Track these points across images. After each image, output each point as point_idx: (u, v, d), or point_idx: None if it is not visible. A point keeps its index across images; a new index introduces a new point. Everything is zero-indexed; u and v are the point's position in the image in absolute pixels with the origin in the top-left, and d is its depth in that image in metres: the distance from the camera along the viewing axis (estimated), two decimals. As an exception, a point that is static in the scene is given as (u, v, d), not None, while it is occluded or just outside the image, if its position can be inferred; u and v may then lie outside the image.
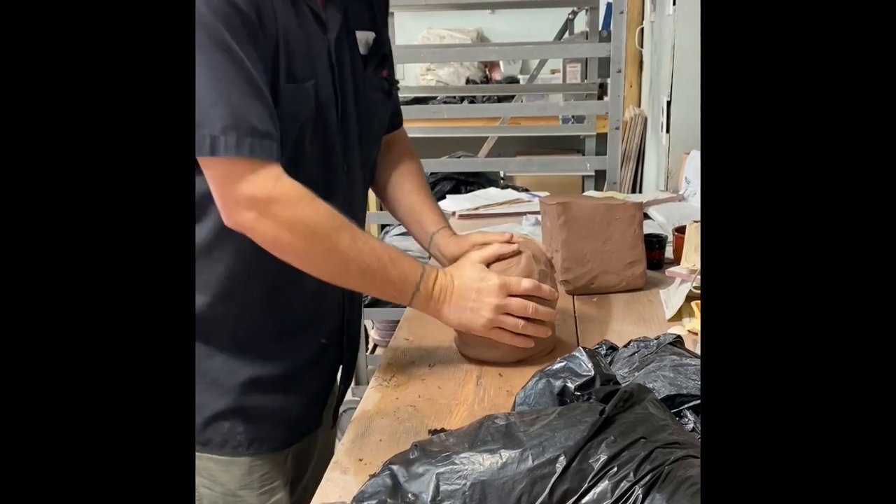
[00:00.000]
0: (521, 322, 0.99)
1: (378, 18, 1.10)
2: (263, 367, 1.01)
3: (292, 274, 0.93)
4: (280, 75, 0.91)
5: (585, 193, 2.32)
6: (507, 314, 0.98)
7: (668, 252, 1.48)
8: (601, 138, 2.91)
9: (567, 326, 1.18)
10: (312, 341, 1.05)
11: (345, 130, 1.00)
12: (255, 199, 0.87)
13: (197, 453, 1.00)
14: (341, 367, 1.12)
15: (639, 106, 3.09)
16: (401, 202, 1.20)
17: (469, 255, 1.02)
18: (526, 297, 1.00)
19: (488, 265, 1.02)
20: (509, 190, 2.25)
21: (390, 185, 1.20)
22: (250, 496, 1.03)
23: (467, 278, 0.98)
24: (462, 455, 0.64)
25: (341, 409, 1.28)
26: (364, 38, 1.04)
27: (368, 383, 1.03)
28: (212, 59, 0.83)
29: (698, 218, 1.47)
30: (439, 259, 1.16)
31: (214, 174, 0.87)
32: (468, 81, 4.18)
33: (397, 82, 1.20)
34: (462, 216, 1.95)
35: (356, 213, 1.05)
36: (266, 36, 0.89)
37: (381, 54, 1.08)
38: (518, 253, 1.04)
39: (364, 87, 1.04)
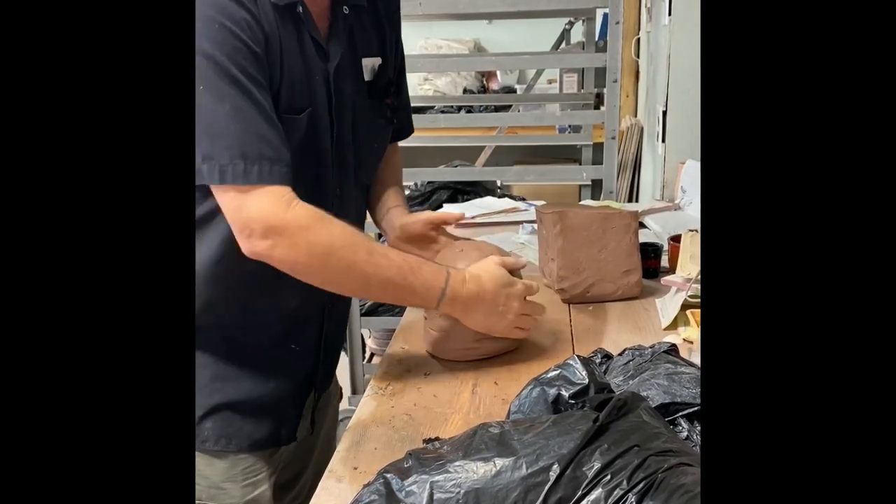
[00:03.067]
0: (534, 325, 1.08)
1: (388, 43, 1.11)
2: (234, 371, 1.02)
3: (267, 289, 0.97)
4: (279, 106, 0.92)
5: (582, 202, 2.33)
6: (528, 315, 1.06)
7: (664, 261, 1.48)
8: (598, 148, 2.92)
9: (562, 335, 1.19)
10: (285, 347, 1.06)
11: (340, 155, 1.02)
12: (270, 227, 0.88)
13: None
14: (317, 374, 1.12)
15: (635, 115, 3.10)
16: (373, 187, 1.22)
17: (492, 259, 1.05)
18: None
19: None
20: (506, 199, 2.26)
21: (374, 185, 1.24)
22: (234, 489, 1.04)
23: (498, 283, 1.02)
24: (456, 463, 0.64)
25: (339, 417, 1.28)
26: (370, 64, 1.06)
27: (364, 392, 1.03)
28: (219, 90, 0.85)
29: (694, 227, 1.48)
30: (387, 230, 1.21)
31: (228, 204, 0.89)
32: (465, 91, 4.20)
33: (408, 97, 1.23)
34: (458, 225, 1.95)
35: None
36: (271, 69, 0.91)
37: (387, 79, 1.10)
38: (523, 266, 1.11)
39: (366, 113, 1.06)
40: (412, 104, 1.27)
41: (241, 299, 1.01)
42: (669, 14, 2.03)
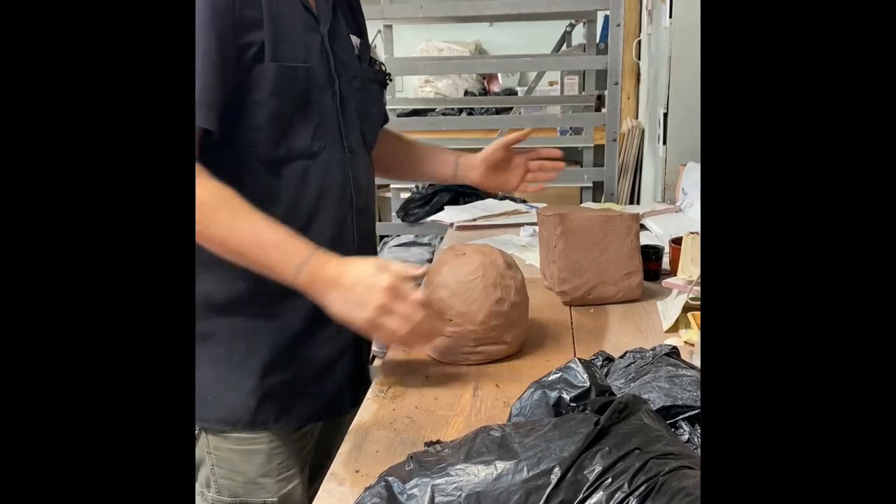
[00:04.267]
0: (401, 330, 0.95)
1: (362, 26, 1.21)
2: (284, 347, 1.05)
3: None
4: (265, 54, 0.97)
5: (583, 205, 2.33)
6: (392, 314, 0.94)
7: (665, 263, 1.48)
8: (599, 150, 2.92)
9: (563, 337, 1.19)
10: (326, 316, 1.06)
11: (345, 114, 1.08)
12: None
13: (217, 443, 1.04)
14: (364, 346, 1.15)
15: (636, 118, 3.10)
16: (408, 160, 1.34)
17: (382, 259, 1.01)
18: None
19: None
20: (507, 201, 2.26)
21: (388, 156, 1.31)
22: (270, 483, 1.07)
23: (361, 273, 0.94)
24: (457, 466, 0.64)
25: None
26: (355, 41, 1.14)
27: (366, 395, 1.03)
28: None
29: (695, 229, 1.48)
30: (469, 176, 1.32)
31: None
32: (466, 93, 4.20)
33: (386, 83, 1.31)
34: (460, 227, 1.95)
35: (363, 194, 1.11)
36: (246, 19, 0.96)
37: (369, 54, 1.18)
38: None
39: (362, 77, 1.12)
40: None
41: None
42: (670, 16, 2.03)
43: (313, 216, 1.04)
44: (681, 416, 0.77)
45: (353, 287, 0.94)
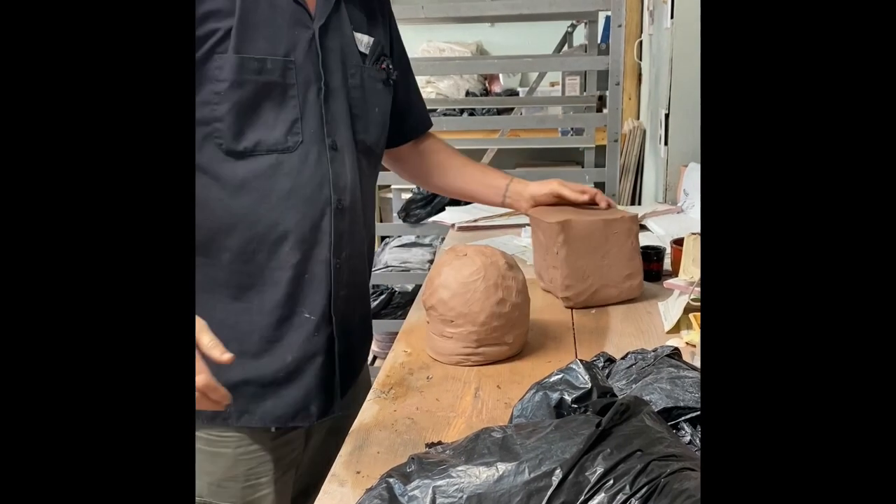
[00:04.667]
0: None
1: (380, 28, 1.18)
2: (251, 345, 1.04)
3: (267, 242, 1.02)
4: (228, 44, 0.97)
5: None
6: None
7: (667, 264, 1.48)
8: (600, 150, 2.92)
9: (565, 338, 1.19)
10: (296, 314, 1.06)
11: (330, 109, 1.06)
12: None
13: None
14: (337, 355, 1.10)
15: (638, 118, 3.10)
16: (458, 180, 1.35)
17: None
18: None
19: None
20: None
21: (438, 172, 1.35)
22: (234, 487, 1.06)
23: None
24: (459, 468, 0.64)
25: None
26: (363, 39, 1.13)
27: (367, 396, 1.03)
28: None
29: (696, 230, 1.48)
30: (520, 202, 1.34)
31: None
32: (468, 94, 4.20)
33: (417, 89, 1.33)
34: (461, 228, 1.95)
35: (347, 194, 1.08)
36: (205, 9, 0.96)
37: (380, 52, 1.16)
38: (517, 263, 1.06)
39: (362, 75, 1.11)
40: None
41: (243, 250, 1.02)
42: (672, 17, 2.03)
43: (282, 212, 1.02)
44: (682, 418, 0.77)
45: None
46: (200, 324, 0.86)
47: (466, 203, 2.15)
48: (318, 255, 1.05)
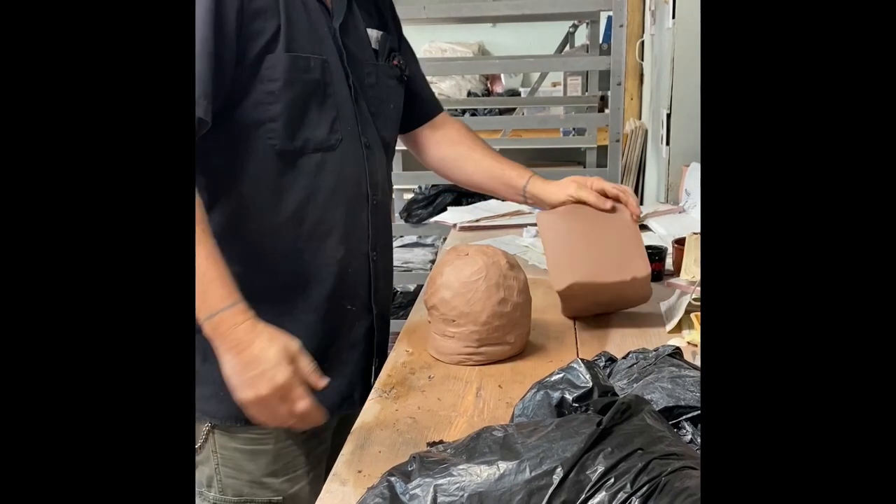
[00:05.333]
0: (269, 423, 0.90)
1: (387, 19, 1.20)
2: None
3: (314, 235, 1.04)
4: (278, 44, 0.97)
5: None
6: (268, 409, 0.88)
7: (668, 264, 1.48)
8: (602, 150, 2.92)
9: (566, 338, 1.19)
10: (340, 307, 1.08)
11: (359, 109, 1.08)
12: None
13: (224, 441, 1.04)
14: (375, 343, 1.14)
15: (639, 118, 3.09)
16: (477, 171, 1.30)
17: (291, 343, 0.90)
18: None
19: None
20: (510, 202, 2.25)
21: (456, 160, 1.31)
22: (275, 483, 1.07)
23: (263, 355, 0.87)
24: (460, 467, 0.64)
25: None
26: (374, 35, 1.13)
27: (368, 395, 1.03)
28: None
29: (698, 230, 1.48)
30: (539, 205, 1.27)
31: None
32: (470, 94, 4.20)
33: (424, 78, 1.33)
34: (463, 228, 1.95)
35: (379, 191, 1.11)
36: (255, 6, 0.96)
37: (390, 47, 1.16)
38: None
39: (377, 72, 1.12)
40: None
41: (290, 250, 1.04)
42: (673, 17, 2.03)
43: (327, 209, 1.05)
44: (683, 417, 0.77)
45: (248, 365, 0.87)
46: (294, 346, 0.88)
47: (468, 203, 2.16)
48: (360, 249, 1.09)
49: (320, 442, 1.13)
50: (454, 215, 2.05)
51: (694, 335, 1.15)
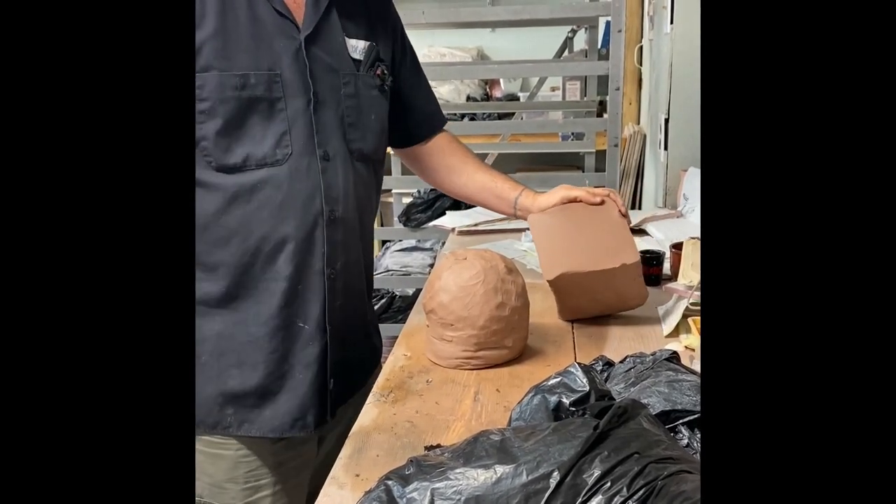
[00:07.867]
0: None
1: (378, 33, 1.17)
2: (248, 356, 1.05)
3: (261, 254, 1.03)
4: (209, 64, 0.97)
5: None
6: None
7: (666, 268, 1.48)
8: (600, 155, 2.92)
9: (564, 342, 1.19)
10: (291, 325, 1.07)
11: (321, 120, 1.05)
12: None
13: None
14: (329, 364, 1.10)
15: (638, 123, 3.10)
16: (469, 185, 1.32)
17: None
18: None
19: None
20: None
21: (449, 172, 1.32)
22: (234, 489, 1.08)
23: None
24: (457, 470, 0.64)
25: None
26: (357, 45, 1.12)
27: (367, 399, 1.03)
28: None
29: (696, 234, 1.48)
30: (526, 214, 1.27)
31: None
32: (469, 99, 4.21)
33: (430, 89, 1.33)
34: (461, 232, 1.95)
35: (339, 205, 1.07)
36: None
37: (375, 57, 1.15)
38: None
39: (356, 83, 1.10)
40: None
41: (238, 263, 1.03)
42: (671, 22, 2.04)
43: (276, 225, 1.03)
44: (680, 421, 0.77)
45: None
46: None
47: (467, 207, 2.16)
48: (313, 266, 1.06)
49: (298, 454, 1.12)
50: (453, 219, 2.05)
51: (691, 339, 1.15)
